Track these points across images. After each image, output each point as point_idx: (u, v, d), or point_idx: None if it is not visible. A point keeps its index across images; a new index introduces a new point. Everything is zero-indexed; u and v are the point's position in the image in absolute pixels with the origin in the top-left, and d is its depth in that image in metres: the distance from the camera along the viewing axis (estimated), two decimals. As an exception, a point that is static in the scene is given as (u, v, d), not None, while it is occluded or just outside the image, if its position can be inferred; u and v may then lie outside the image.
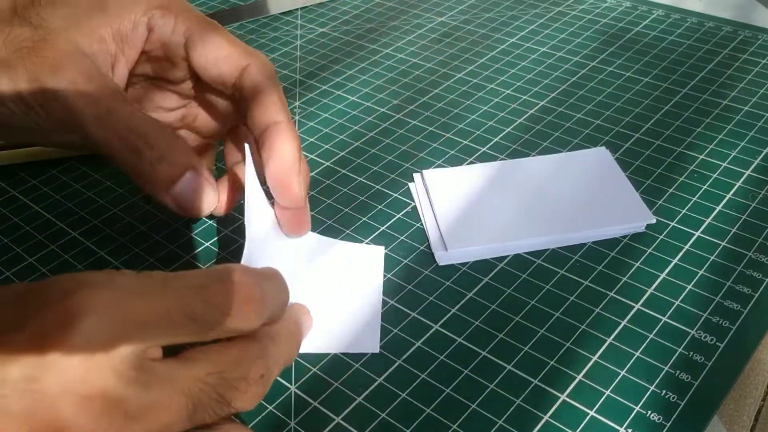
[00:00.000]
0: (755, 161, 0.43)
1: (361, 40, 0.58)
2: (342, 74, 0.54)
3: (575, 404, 0.31)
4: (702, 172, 0.43)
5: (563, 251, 0.38)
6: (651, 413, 0.30)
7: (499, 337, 0.34)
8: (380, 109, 0.50)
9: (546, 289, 0.36)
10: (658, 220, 0.39)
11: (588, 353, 0.33)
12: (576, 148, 0.45)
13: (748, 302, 0.35)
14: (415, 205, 0.41)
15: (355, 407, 0.31)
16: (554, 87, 0.51)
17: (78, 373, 0.21)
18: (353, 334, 0.34)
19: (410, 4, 0.63)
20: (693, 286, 0.36)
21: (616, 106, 0.49)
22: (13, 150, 0.45)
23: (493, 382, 0.32)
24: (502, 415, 0.30)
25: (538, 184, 0.41)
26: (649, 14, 0.59)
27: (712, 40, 0.55)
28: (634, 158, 0.44)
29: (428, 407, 0.31)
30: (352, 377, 0.32)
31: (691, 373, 0.32)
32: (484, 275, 0.37)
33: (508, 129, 0.47)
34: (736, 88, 0.50)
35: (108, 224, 0.41)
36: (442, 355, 0.33)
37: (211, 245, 0.39)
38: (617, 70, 0.52)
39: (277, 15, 0.62)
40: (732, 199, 0.41)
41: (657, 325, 0.34)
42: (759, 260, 0.37)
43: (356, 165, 0.45)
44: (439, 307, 0.35)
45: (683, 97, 0.49)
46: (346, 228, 0.40)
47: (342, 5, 0.63)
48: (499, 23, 0.59)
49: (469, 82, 0.52)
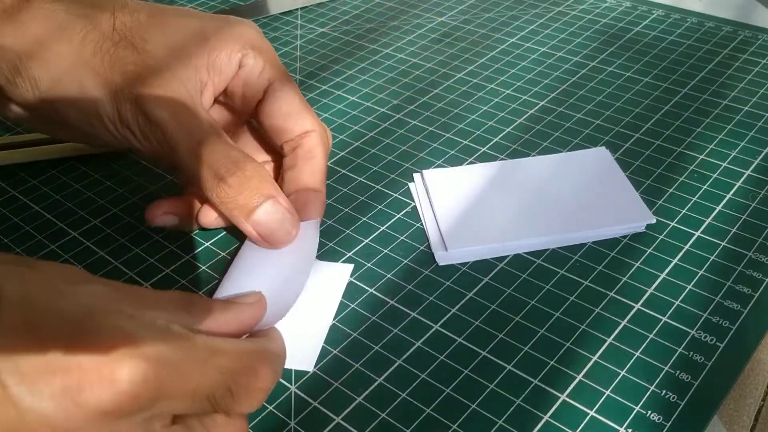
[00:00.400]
0: (755, 161, 0.43)
1: (361, 40, 0.58)
2: (342, 74, 0.54)
3: (575, 404, 0.31)
4: (702, 172, 0.43)
5: (563, 251, 0.38)
6: (651, 413, 0.30)
7: (499, 337, 0.34)
8: (380, 109, 0.50)
9: (546, 289, 0.36)
10: (658, 220, 0.39)
11: (588, 353, 0.33)
12: (576, 148, 0.45)
13: (748, 302, 0.35)
14: (415, 205, 0.41)
15: (355, 407, 0.31)
16: (554, 87, 0.51)
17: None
18: (290, 350, 0.31)
19: (410, 4, 0.63)
20: (693, 286, 0.36)
21: (616, 106, 0.49)
22: (13, 150, 0.45)
23: (493, 382, 0.32)
24: (502, 415, 0.30)
25: (538, 184, 0.41)
26: (649, 14, 0.59)
27: (712, 40, 0.55)
28: (634, 158, 0.44)
29: (428, 407, 0.31)
30: (352, 377, 0.32)
31: (691, 373, 0.32)
32: (484, 275, 0.37)
33: (508, 129, 0.47)
34: (736, 88, 0.50)
35: (108, 224, 0.41)
36: (442, 355, 0.33)
37: (211, 245, 0.39)
38: (617, 70, 0.52)
39: (277, 15, 0.62)
40: (732, 199, 0.41)
41: (657, 325, 0.34)
42: (759, 260, 0.37)
43: (356, 165, 0.45)
44: (439, 307, 0.35)
45: (683, 97, 0.49)
46: (346, 228, 0.40)
47: (342, 5, 0.63)
48: (499, 23, 0.59)
49: (469, 82, 0.52)
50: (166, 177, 0.44)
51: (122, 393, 0.22)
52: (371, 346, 0.34)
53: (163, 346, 0.24)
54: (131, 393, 0.22)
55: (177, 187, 0.43)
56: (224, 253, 0.39)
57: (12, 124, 0.49)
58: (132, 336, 0.23)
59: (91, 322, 0.23)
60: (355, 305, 0.36)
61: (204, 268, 0.38)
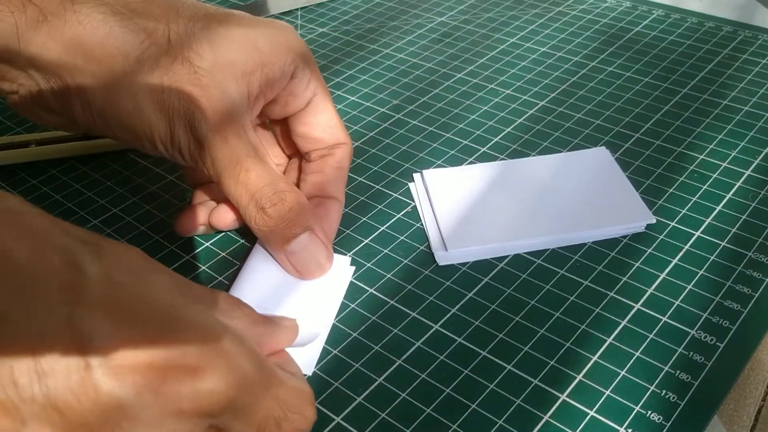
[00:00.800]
0: (755, 161, 0.43)
1: (361, 40, 0.58)
2: (342, 74, 0.54)
3: (575, 404, 0.31)
4: (702, 172, 0.43)
5: (563, 251, 0.38)
6: (651, 413, 0.30)
7: (499, 337, 0.34)
8: (380, 109, 0.50)
9: (546, 289, 0.36)
10: (658, 220, 0.39)
11: (588, 353, 0.33)
12: (576, 148, 0.45)
13: (748, 302, 0.35)
14: (415, 205, 0.41)
15: (355, 407, 0.31)
16: (554, 87, 0.51)
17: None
18: (289, 351, 0.32)
19: (410, 4, 0.63)
20: (693, 286, 0.36)
21: (616, 106, 0.49)
22: (13, 150, 0.45)
23: (493, 382, 0.32)
24: (502, 415, 0.30)
25: (538, 184, 0.41)
26: (649, 14, 0.59)
27: (712, 40, 0.55)
28: (634, 158, 0.44)
29: (428, 407, 0.31)
30: (352, 377, 0.32)
31: (691, 373, 0.32)
32: (484, 275, 0.37)
33: (508, 129, 0.47)
34: (736, 88, 0.50)
35: (108, 224, 0.41)
36: (442, 355, 0.33)
37: (211, 245, 0.39)
38: (617, 70, 0.52)
39: (277, 15, 0.62)
40: (732, 199, 0.41)
41: (657, 325, 0.34)
42: (759, 260, 0.37)
43: (356, 165, 0.45)
44: (439, 307, 0.35)
45: (683, 97, 0.49)
46: (346, 228, 0.40)
47: (342, 5, 0.63)
48: (499, 23, 0.59)
49: (469, 82, 0.52)
50: (166, 177, 0.44)
51: (203, 396, 0.22)
52: (371, 346, 0.34)
53: (244, 361, 0.24)
54: (210, 398, 0.22)
55: (177, 187, 0.43)
56: (224, 253, 0.39)
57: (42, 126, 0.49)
58: (219, 340, 0.23)
59: (177, 315, 0.23)
60: (355, 305, 0.36)
61: (204, 268, 0.38)
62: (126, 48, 0.33)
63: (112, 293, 0.22)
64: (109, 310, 0.21)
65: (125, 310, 0.22)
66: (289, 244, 0.35)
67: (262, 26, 0.36)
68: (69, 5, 0.33)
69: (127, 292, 0.22)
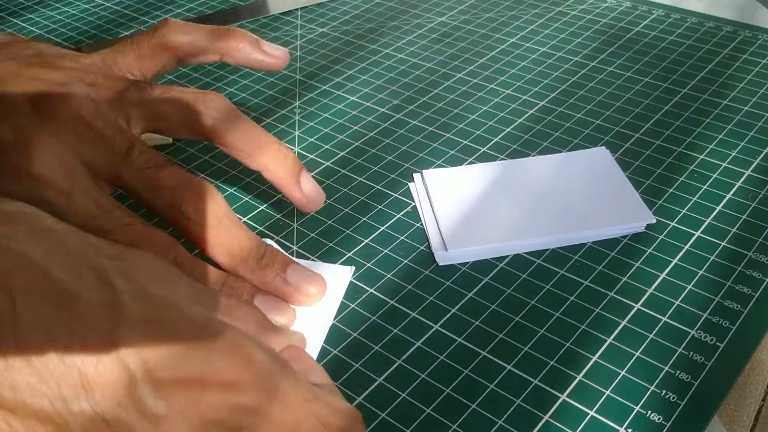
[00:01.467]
0: (755, 161, 0.43)
1: (361, 40, 0.58)
2: (342, 74, 0.54)
3: (575, 404, 0.31)
4: (702, 172, 0.43)
5: (563, 251, 0.38)
6: (651, 413, 0.30)
7: (499, 337, 0.34)
8: (380, 109, 0.50)
9: (546, 289, 0.36)
10: (658, 220, 0.39)
11: (588, 353, 0.33)
12: (576, 148, 0.45)
13: (748, 302, 0.35)
14: (415, 205, 0.41)
15: (356, 407, 0.31)
16: (554, 87, 0.51)
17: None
18: None
19: (410, 4, 0.63)
20: (693, 286, 0.36)
21: (616, 106, 0.49)
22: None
23: (493, 382, 0.32)
24: (502, 415, 0.30)
25: (538, 184, 0.41)
26: (649, 14, 0.59)
27: (712, 40, 0.55)
28: (634, 158, 0.44)
29: (428, 407, 0.31)
30: (351, 377, 0.32)
31: (691, 373, 0.32)
32: (484, 275, 0.37)
33: (508, 129, 0.47)
34: (736, 88, 0.50)
35: (108, 224, 0.41)
36: (442, 355, 0.33)
37: (211, 245, 0.39)
38: (617, 70, 0.52)
39: (277, 15, 0.62)
40: (732, 199, 0.41)
41: (657, 325, 0.34)
42: (759, 260, 0.37)
43: (356, 165, 0.45)
44: (439, 307, 0.35)
45: (683, 97, 0.49)
46: (346, 228, 0.40)
47: (342, 5, 0.63)
48: (499, 23, 0.59)
49: (469, 82, 0.52)
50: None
51: (239, 408, 0.23)
52: (371, 346, 0.34)
53: (279, 376, 0.24)
54: (245, 409, 0.23)
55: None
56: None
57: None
58: (249, 353, 0.24)
59: (207, 328, 0.23)
60: (355, 305, 0.36)
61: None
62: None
63: (148, 309, 0.22)
64: (148, 325, 0.22)
65: (162, 325, 0.22)
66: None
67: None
68: None
69: (160, 306, 0.23)
